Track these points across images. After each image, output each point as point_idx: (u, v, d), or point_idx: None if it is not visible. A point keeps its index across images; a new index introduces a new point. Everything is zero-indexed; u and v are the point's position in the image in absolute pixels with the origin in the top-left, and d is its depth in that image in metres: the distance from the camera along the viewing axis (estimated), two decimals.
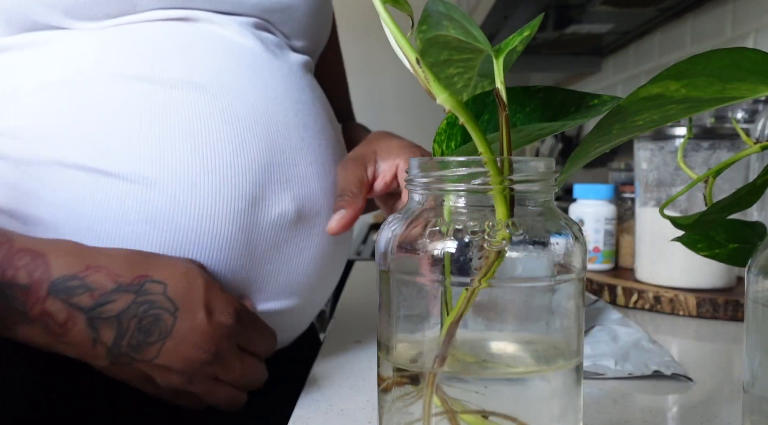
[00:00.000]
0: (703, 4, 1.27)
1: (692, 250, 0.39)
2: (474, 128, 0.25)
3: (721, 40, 1.20)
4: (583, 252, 0.28)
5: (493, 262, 0.26)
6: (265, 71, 0.50)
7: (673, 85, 0.25)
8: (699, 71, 0.25)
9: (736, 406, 0.45)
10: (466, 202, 0.27)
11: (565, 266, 0.27)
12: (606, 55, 1.83)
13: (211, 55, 0.48)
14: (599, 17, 1.47)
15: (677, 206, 0.74)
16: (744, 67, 0.24)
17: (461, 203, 0.27)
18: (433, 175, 0.28)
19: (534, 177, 0.27)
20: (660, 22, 1.45)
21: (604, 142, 0.27)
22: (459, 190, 0.27)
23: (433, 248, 0.27)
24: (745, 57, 0.25)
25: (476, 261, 0.26)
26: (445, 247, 0.26)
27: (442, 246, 0.26)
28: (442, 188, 0.27)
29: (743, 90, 0.24)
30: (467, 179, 0.26)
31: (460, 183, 0.27)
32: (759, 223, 0.39)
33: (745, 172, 0.73)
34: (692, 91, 0.25)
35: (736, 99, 0.24)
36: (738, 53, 0.25)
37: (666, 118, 0.25)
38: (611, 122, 0.26)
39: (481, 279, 0.26)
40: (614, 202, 0.88)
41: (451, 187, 0.27)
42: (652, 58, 1.51)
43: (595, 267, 0.86)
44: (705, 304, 0.69)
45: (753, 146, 0.33)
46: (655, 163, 0.76)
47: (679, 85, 0.25)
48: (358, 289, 0.91)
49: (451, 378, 0.27)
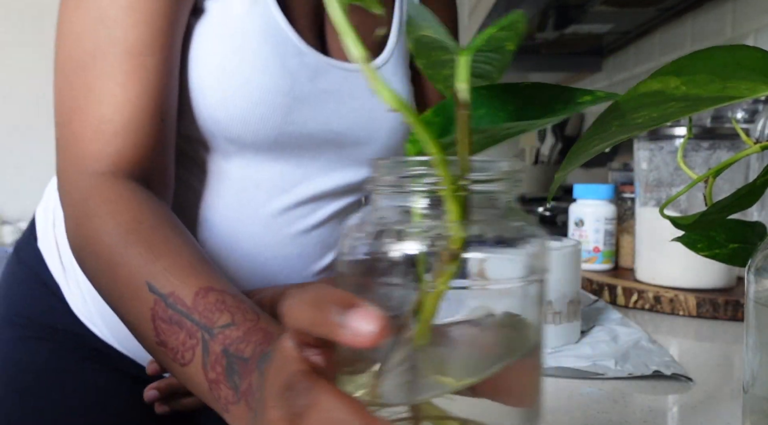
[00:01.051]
0: (703, 4, 1.27)
1: (692, 250, 0.39)
2: (419, 126, 0.24)
3: (721, 40, 1.20)
4: (544, 254, 0.27)
5: (447, 265, 0.24)
6: None
7: (673, 82, 0.25)
8: (700, 68, 0.25)
9: (736, 406, 0.45)
10: (429, 203, 0.26)
11: (527, 268, 0.27)
12: (606, 55, 1.83)
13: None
14: (599, 17, 1.47)
15: (677, 206, 0.74)
16: (745, 66, 0.24)
17: (423, 205, 0.26)
18: (392, 177, 0.26)
19: (493, 177, 0.26)
20: (660, 22, 1.45)
21: (603, 139, 0.27)
22: (404, 192, 0.26)
23: (389, 251, 0.26)
24: (747, 55, 0.25)
25: (438, 264, 0.25)
26: (403, 250, 0.25)
27: (399, 249, 0.25)
28: (397, 190, 0.26)
29: (743, 89, 0.24)
30: (421, 180, 0.25)
31: (416, 184, 0.26)
32: (759, 223, 0.39)
33: (745, 172, 0.73)
34: (692, 88, 0.25)
35: (735, 98, 0.24)
36: (739, 51, 0.25)
37: (665, 117, 0.25)
38: (610, 119, 0.26)
39: (436, 283, 0.25)
40: (614, 202, 0.88)
41: (408, 188, 0.26)
42: (652, 58, 1.51)
43: (595, 267, 0.86)
44: (705, 304, 0.69)
45: (753, 146, 0.33)
46: (655, 163, 0.76)
47: (679, 81, 0.25)
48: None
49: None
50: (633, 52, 1.64)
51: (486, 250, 0.26)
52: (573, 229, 0.88)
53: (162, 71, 0.52)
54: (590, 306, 0.71)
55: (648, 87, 0.25)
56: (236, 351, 0.39)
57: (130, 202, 0.48)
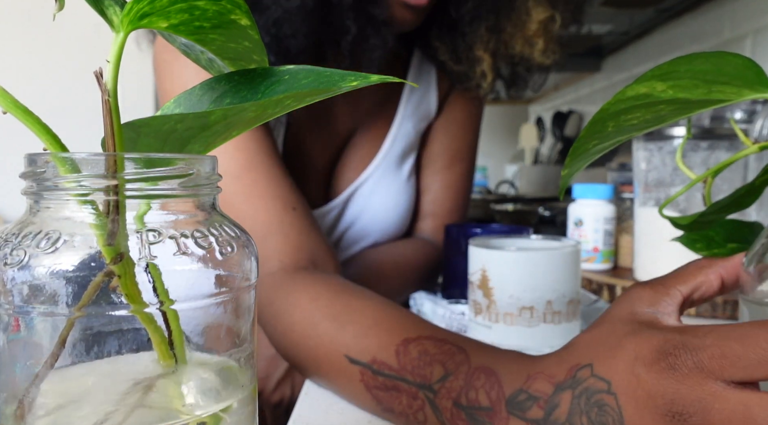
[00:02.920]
0: (701, 5, 1.27)
1: (691, 250, 0.39)
2: (27, 117, 0.20)
3: (720, 40, 1.21)
4: (249, 260, 0.24)
5: (96, 285, 0.20)
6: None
7: (659, 86, 0.25)
8: (682, 73, 0.25)
9: None
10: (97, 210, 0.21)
11: (223, 278, 0.23)
12: (605, 55, 1.83)
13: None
14: (599, 18, 1.47)
15: (676, 206, 0.74)
16: (726, 72, 0.24)
17: (87, 212, 0.21)
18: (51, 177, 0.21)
19: (153, 177, 0.21)
20: (659, 22, 1.45)
21: (602, 139, 0.27)
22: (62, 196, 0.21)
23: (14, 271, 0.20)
24: (727, 62, 0.25)
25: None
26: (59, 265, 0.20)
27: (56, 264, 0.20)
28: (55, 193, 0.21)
29: (728, 93, 0.24)
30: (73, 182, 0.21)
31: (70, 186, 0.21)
32: (757, 223, 0.39)
33: (744, 173, 0.73)
34: (679, 92, 0.25)
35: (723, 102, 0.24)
36: (719, 58, 0.25)
37: (659, 119, 0.25)
38: (605, 118, 0.26)
39: (79, 308, 0.20)
40: (613, 201, 0.88)
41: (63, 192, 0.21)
42: (651, 58, 1.52)
43: (594, 267, 0.87)
44: (704, 304, 0.70)
45: (751, 146, 0.33)
46: (654, 163, 0.76)
47: (665, 85, 0.25)
48: None
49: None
50: (632, 52, 1.64)
51: (168, 263, 0.21)
52: (572, 229, 0.88)
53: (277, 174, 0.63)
54: (590, 306, 0.71)
55: (635, 90, 0.26)
56: (469, 403, 0.38)
57: (304, 289, 0.51)
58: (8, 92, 0.20)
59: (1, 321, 0.21)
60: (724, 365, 0.28)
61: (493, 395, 0.37)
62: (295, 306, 0.49)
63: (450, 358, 0.40)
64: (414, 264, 0.77)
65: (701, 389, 0.28)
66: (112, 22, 0.22)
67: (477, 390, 0.38)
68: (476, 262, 0.57)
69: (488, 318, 0.56)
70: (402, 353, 0.42)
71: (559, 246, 0.58)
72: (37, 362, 0.21)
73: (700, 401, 0.28)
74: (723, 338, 0.28)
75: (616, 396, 0.31)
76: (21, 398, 0.21)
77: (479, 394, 0.38)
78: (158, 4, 0.21)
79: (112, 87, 0.21)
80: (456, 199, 0.86)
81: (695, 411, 0.28)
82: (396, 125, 0.82)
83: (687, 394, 0.28)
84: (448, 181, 0.86)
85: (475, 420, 0.37)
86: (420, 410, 0.40)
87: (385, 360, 0.42)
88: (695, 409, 0.28)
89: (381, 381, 0.42)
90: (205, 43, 0.23)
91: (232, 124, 0.22)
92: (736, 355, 0.27)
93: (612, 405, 0.32)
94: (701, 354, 0.28)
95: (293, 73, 0.23)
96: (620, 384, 0.31)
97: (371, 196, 0.81)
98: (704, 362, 0.28)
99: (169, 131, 0.22)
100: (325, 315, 0.47)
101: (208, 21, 0.22)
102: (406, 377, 0.40)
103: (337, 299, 0.49)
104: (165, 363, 0.22)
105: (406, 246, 0.80)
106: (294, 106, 0.23)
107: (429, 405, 0.39)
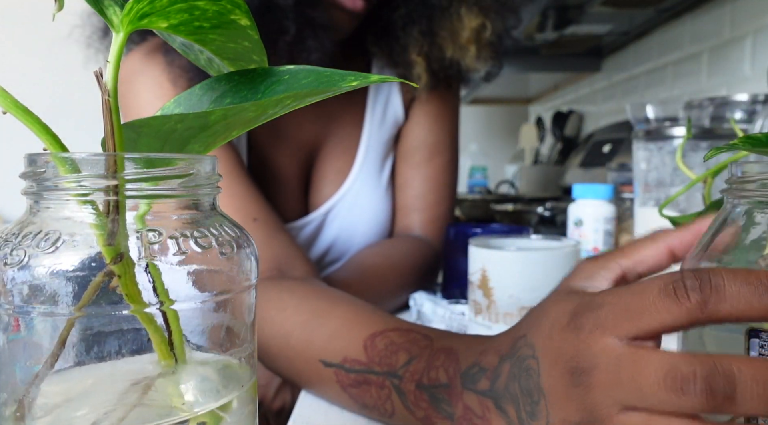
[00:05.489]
0: (701, 5, 1.27)
1: None
2: (27, 117, 0.20)
3: (720, 40, 1.21)
4: (249, 260, 0.24)
5: (96, 285, 0.20)
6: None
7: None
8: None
9: None
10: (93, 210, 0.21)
11: (223, 277, 0.23)
12: (605, 55, 1.83)
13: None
14: (598, 18, 1.47)
15: (676, 206, 0.74)
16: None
17: (87, 212, 0.21)
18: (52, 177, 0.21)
19: (153, 177, 0.21)
20: (659, 22, 1.45)
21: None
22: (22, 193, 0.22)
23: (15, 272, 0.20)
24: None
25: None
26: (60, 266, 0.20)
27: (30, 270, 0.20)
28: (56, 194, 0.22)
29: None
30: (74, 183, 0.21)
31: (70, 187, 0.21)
32: None
33: None
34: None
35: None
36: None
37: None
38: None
39: (79, 308, 0.20)
40: (613, 201, 0.88)
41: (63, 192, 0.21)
42: (651, 58, 1.52)
43: None
44: None
45: None
46: (654, 163, 0.76)
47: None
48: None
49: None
50: (632, 52, 1.64)
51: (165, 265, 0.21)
52: (572, 229, 0.88)
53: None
54: None
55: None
56: (430, 382, 0.38)
57: (270, 301, 0.51)
58: (8, 92, 0.20)
59: (1, 321, 0.21)
60: (618, 320, 0.27)
61: (450, 371, 0.38)
62: (265, 320, 0.50)
63: (414, 344, 0.41)
64: (411, 264, 0.77)
65: (596, 345, 0.28)
66: (112, 22, 0.22)
67: (437, 369, 0.38)
68: (476, 262, 0.57)
69: (488, 318, 0.56)
70: (369, 347, 0.42)
71: (559, 246, 0.58)
72: (37, 362, 0.21)
73: (594, 356, 0.28)
74: (621, 295, 0.28)
75: (539, 360, 0.32)
76: (21, 398, 0.21)
77: (439, 372, 0.38)
78: (158, 4, 0.21)
79: (112, 87, 0.21)
80: (439, 190, 0.86)
81: (591, 366, 0.28)
82: (366, 133, 0.82)
83: (585, 351, 0.28)
84: (430, 174, 0.86)
85: (435, 399, 0.37)
86: (387, 399, 0.40)
87: (355, 357, 0.42)
88: (590, 365, 0.28)
89: (353, 378, 0.42)
90: (205, 43, 0.24)
91: (232, 124, 0.23)
92: (631, 310, 0.27)
93: (535, 369, 0.32)
94: (600, 311, 0.28)
95: (293, 73, 0.23)
96: (541, 348, 0.32)
97: (352, 209, 0.81)
98: (602, 319, 0.28)
99: (169, 131, 0.22)
100: (295, 325, 0.48)
101: (207, 21, 0.22)
102: (374, 368, 0.41)
103: (303, 306, 0.49)
104: (165, 363, 0.22)
105: (401, 245, 0.80)
106: (294, 106, 0.23)
107: (395, 392, 0.39)
